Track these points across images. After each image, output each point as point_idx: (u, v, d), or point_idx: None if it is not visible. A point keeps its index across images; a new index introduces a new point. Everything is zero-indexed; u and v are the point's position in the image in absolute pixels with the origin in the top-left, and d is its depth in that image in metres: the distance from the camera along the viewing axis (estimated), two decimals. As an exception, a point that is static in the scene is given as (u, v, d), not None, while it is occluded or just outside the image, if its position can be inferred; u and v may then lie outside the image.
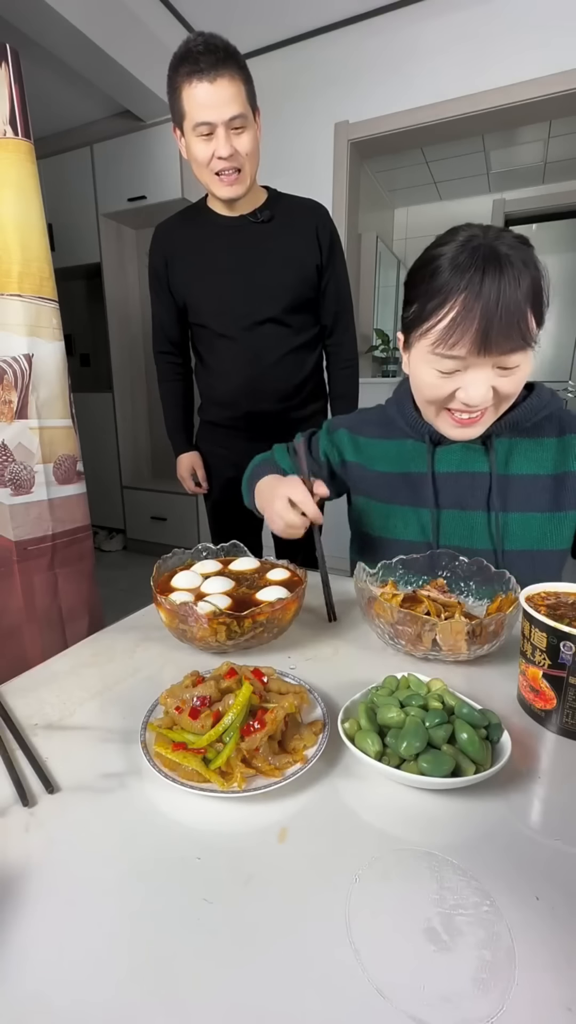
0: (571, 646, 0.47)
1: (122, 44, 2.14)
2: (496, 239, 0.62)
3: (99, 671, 0.61)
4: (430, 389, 0.69)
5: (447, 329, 0.62)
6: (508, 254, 0.60)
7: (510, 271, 0.59)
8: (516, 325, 0.60)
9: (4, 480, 1.19)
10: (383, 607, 0.59)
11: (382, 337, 3.20)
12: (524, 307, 0.60)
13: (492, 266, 0.59)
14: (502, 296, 0.59)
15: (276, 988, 0.28)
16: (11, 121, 1.12)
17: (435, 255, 0.65)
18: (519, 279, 0.59)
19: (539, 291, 0.62)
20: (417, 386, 0.72)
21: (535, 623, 0.49)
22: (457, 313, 0.61)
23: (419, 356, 0.69)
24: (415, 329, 0.68)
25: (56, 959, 0.30)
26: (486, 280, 0.59)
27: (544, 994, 0.28)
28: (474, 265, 0.60)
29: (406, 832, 0.39)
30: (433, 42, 2.21)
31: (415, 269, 0.69)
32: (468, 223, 0.67)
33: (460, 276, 0.61)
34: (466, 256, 0.61)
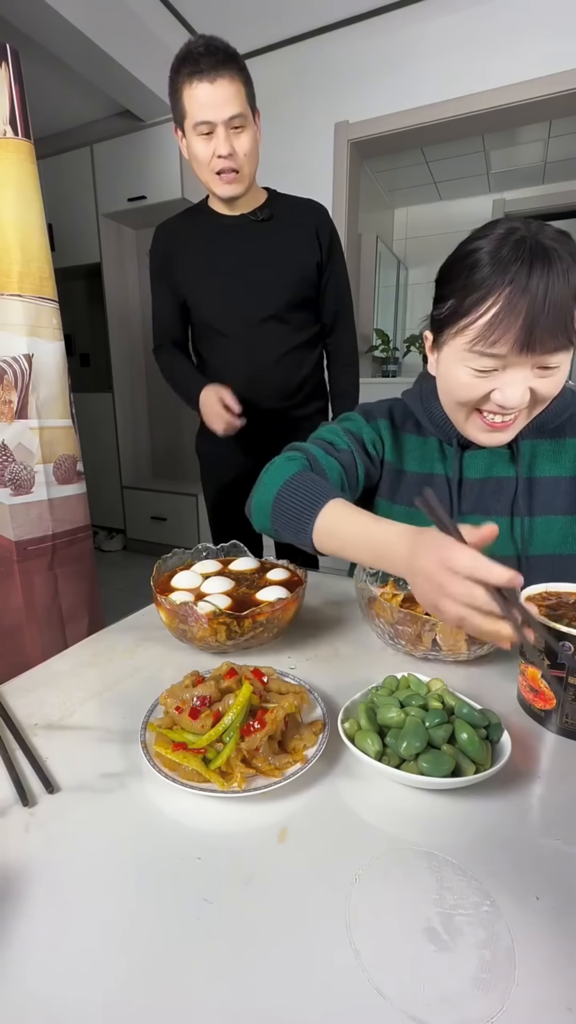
0: (570, 646, 0.47)
1: (122, 44, 2.14)
2: (539, 232, 0.58)
3: (99, 671, 0.61)
4: (464, 390, 0.64)
5: (488, 325, 0.58)
6: (555, 247, 0.56)
7: (559, 265, 0.55)
8: (563, 323, 0.57)
9: (4, 480, 1.20)
10: (383, 607, 0.59)
11: (382, 337, 3.20)
12: (572, 303, 0.57)
13: (540, 260, 0.56)
14: (550, 291, 0.55)
15: (276, 988, 0.28)
16: (11, 121, 1.12)
17: (473, 248, 0.60)
18: (568, 274, 0.56)
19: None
20: (448, 388, 0.67)
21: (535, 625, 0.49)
22: (500, 308, 0.57)
23: (453, 355, 0.64)
24: (450, 326, 0.63)
25: (56, 959, 0.30)
26: (534, 274, 0.55)
27: (544, 994, 0.28)
28: (520, 258, 0.56)
29: (406, 832, 0.39)
30: (433, 42, 2.21)
31: (449, 264, 0.64)
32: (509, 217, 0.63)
33: (504, 270, 0.56)
34: (509, 249, 0.57)
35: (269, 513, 0.68)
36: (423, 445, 0.79)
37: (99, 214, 2.90)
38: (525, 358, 0.59)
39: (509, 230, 0.59)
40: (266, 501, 0.69)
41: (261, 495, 0.70)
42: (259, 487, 0.72)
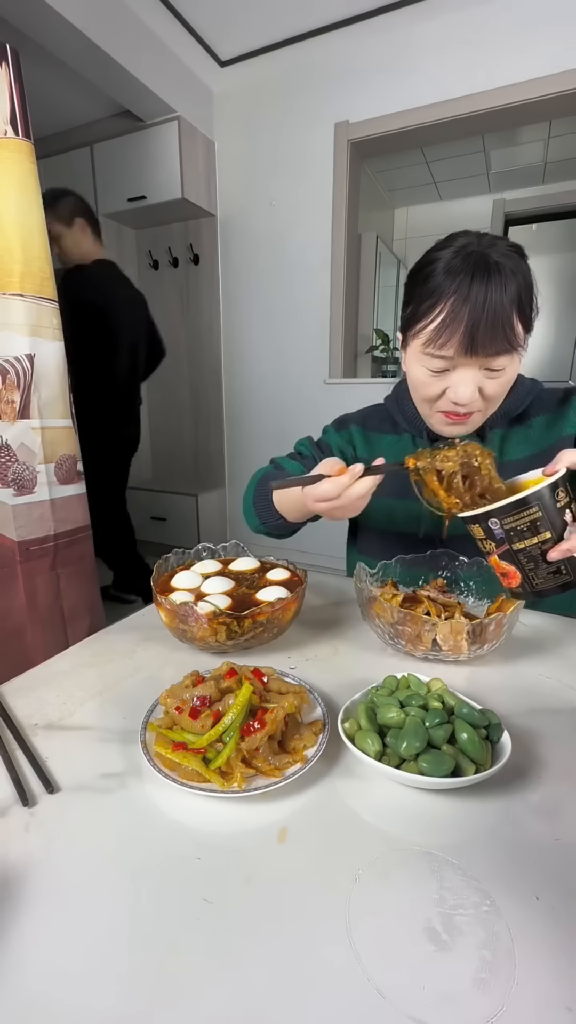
0: (495, 520, 0.52)
1: (122, 44, 2.14)
2: (490, 246, 0.64)
3: (99, 671, 0.61)
4: (423, 387, 0.72)
5: (437, 330, 0.65)
6: (498, 261, 0.62)
7: (498, 277, 0.62)
8: (501, 329, 0.62)
9: (7, 480, 1.20)
10: (383, 607, 0.59)
11: (382, 337, 3.20)
12: (510, 312, 0.62)
13: (481, 271, 0.62)
14: (488, 301, 0.61)
15: (276, 988, 0.28)
16: (11, 121, 1.12)
17: (432, 259, 0.67)
18: (506, 285, 0.62)
19: (526, 298, 0.64)
20: (412, 384, 0.75)
21: (467, 522, 0.55)
22: (446, 315, 0.63)
23: (413, 355, 0.71)
24: (410, 328, 0.70)
25: (56, 959, 0.30)
26: (474, 285, 0.62)
27: (544, 994, 0.28)
28: (464, 270, 0.62)
29: (406, 832, 0.39)
30: (433, 42, 2.21)
31: (413, 271, 0.71)
32: (467, 231, 0.68)
33: (451, 280, 0.63)
34: (459, 261, 0.63)
35: (252, 509, 0.84)
36: (397, 442, 0.86)
37: (99, 214, 2.89)
38: (471, 360, 0.65)
39: (463, 244, 0.65)
40: (248, 501, 0.85)
41: (245, 499, 0.86)
42: (244, 494, 0.87)
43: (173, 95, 2.47)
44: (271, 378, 2.96)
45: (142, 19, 2.21)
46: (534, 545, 0.51)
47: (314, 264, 2.69)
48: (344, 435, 0.90)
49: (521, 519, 0.51)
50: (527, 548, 0.51)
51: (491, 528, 0.53)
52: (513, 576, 0.53)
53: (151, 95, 2.38)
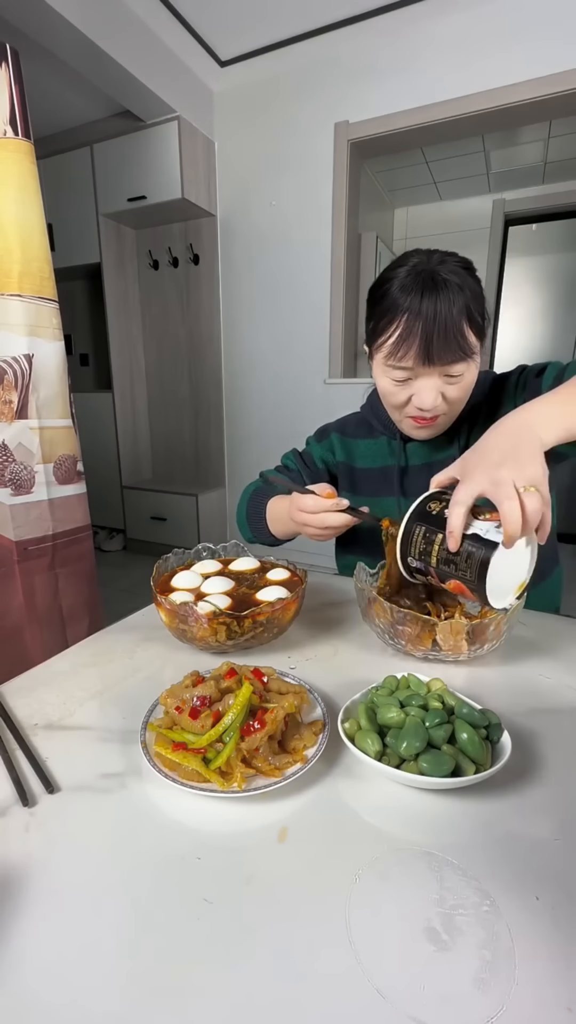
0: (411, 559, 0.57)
1: (122, 44, 2.14)
2: (439, 264, 0.69)
3: (99, 671, 0.61)
4: (389, 396, 0.77)
5: (395, 344, 0.69)
6: (446, 278, 0.67)
7: (446, 292, 0.67)
8: (454, 339, 0.67)
9: (5, 480, 1.20)
10: (383, 607, 0.59)
11: (382, 337, 3.20)
12: (460, 323, 0.67)
13: (430, 288, 0.67)
14: (438, 314, 0.66)
15: (276, 988, 0.28)
16: (11, 121, 1.12)
17: (386, 278, 0.72)
18: (453, 299, 0.67)
19: (476, 308, 0.69)
20: (380, 393, 0.80)
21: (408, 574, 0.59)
22: (403, 330, 0.68)
23: (377, 367, 0.76)
24: (373, 342, 0.75)
25: (56, 959, 0.30)
26: (424, 301, 0.67)
27: (544, 994, 0.28)
28: (415, 288, 0.67)
29: (406, 832, 0.39)
30: (433, 42, 2.21)
31: (372, 289, 0.75)
32: (418, 249, 0.73)
33: (404, 297, 0.68)
34: (411, 280, 0.68)
35: (246, 525, 0.91)
36: (374, 444, 0.91)
37: (99, 214, 2.90)
38: (430, 368, 0.70)
39: (415, 263, 0.70)
40: (241, 517, 0.92)
41: (239, 513, 0.93)
42: (237, 508, 0.94)
43: (173, 95, 2.47)
44: (271, 378, 2.96)
45: (142, 19, 2.21)
46: (440, 550, 0.54)
47: (314, 264, 2.69)
48: (325, 444, 0.95)
49: (416, 543, 0.56)
50: (441, 557, 0.54)
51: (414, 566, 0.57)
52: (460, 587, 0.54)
53: (151, 95, 2.38)
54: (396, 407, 0.78)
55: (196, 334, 3.10)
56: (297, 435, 0.97)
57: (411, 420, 0.77)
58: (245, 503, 0.92)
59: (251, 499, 0.91)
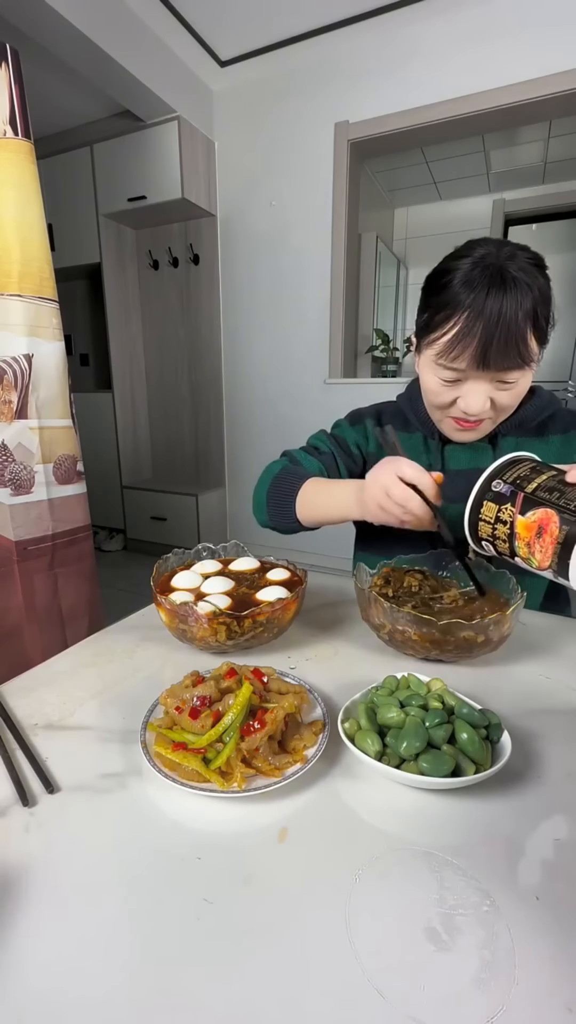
0: (498, 482, 0.51)
1: (122, 44, 2.14)
2: (509, 258, 0.63)
3: (99, 671, 0.61)
4: (434, 395, 0.72)
5: (450, 343, 0.64)
6: (515, 276, 0.61)
7: (514, 292, 0.61)
8: (515, 345, 0.62)
9: (4, 480, 1.20)
10: (383, 608, 0.59)
11: (382, 337, 3.20)
12: (524, 328, 0.62)
13: (497, 286, 0.61)
14: (502, 316, 0.61)
15: (276, 988, 0.28)
16: (11, 121, 1.12)
17: (450, 268, 0.66)
18: (521, 301, 0.61)
19: (543, 312, 0.63)
20: (424, 390, 0.75)
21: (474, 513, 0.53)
22: (460, 329, 0.63)
23: (425, 363, 0.71)
24: (424, 337, 0.70)
25: (56, 959, 0.30)
26: (489, 299, 0.61)
27: (544, 994, 0.28)
28: (481, 284, 0.62)
29: (406, 832, 0.39)
30: (433, 42, 2.21)
31: (431, 278, 0.70)
32: (486, 238, 0.67)
33: (467, 292, 0.62)
34: (477, 273, 0.62)
35: (264, 506, 0.82)
36: (408, 440, 0.85)
37: (99, 214, 2.90)
38: (483, 373, 0.65)
39: (482, 255, 0.64)
40: (260, 497, 0.83)
41: (257, 493, 0.84)
42: (256, 487, 0.84)
43: (173, 95, 2.47)
44: (271, 378, 2.96)
45: (142, 19, 2.21)
46: (546, 480, 0.49)
47: (314, 264, 2.69)
48: (359, 430, 0.89)
49: (521, 468, 0.51)
50: (541, 484, 0.48)
51: (498, 491, 0.51)
52: (547, 521, 0.46)
53: (151, 95, 2.38)
54: (439, 407, 0.73)
55: (196, 334, 3.10)
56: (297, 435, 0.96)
57: (452, 421, 0.73)
58: (268, 483, 0.82)
59: (277, 479, 0.81)
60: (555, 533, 0.46)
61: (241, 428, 3.13)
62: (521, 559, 0.51)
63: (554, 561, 0.47)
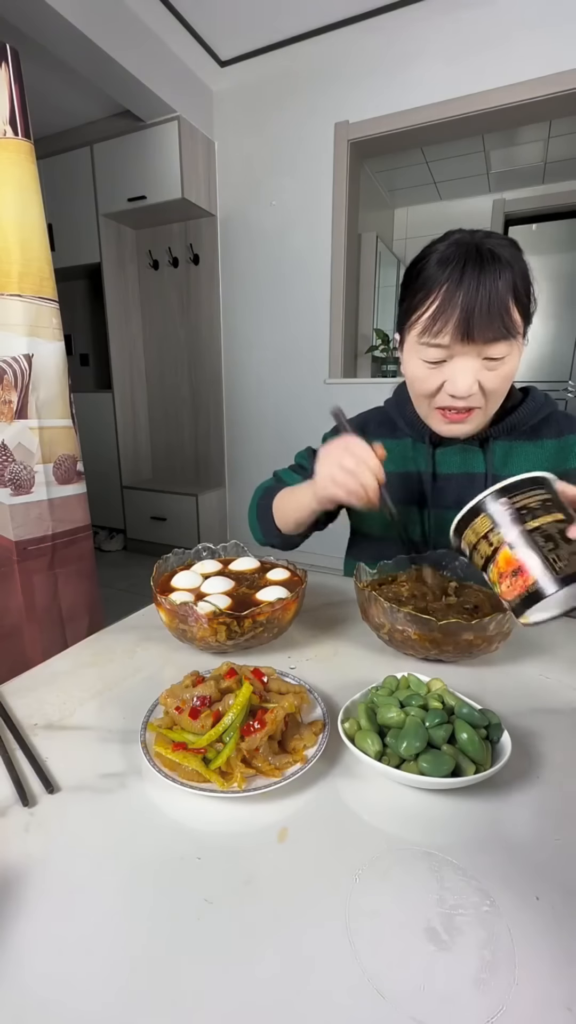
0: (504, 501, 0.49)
1: (122, 44, 2.14)
2: (484, 238, 0.65)
3: (99, 671, 0.61)
4: (420, 382, 0.71)
5: (432, 317, 0.64)
6: (491, 250, 0.63)
7: (491, 265, 0.62)
8: (498, 314, 0.62)
9: (4, 480, 1.20)
10: (383, 608, 0.59)
11: (382, 337, 3.20)
12: (506, 298, 0.62)
13: (473, 259, 0.62)
14: (481, 286, 0.61)
15: (276, 988, 0.28)
16: (11, 121, 1.12)
17: (424, 254, 0.68)
18: (500, 272, 0.62)
19: (522, 286, 0.64)
20: (409, 380, 0.74)
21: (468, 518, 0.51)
22: (441, 302, 0.63)
23: (410, 349, 0.71)
24: (406, 322, 0.70)
25: (56, 959, 0.30)
26: (467, 271, 0.62)
27: (544, 994, 0.28)
28: (457, 259, 0.63)
29: (406, 832, 0.39)
30: (433, 42, 2.21)
31: (408, 268, 0.71)
32: (461, 228, 0.68)
33: (444, 269, 0.64)
34: (451, 250, 0.64)
35: (256, 526, 0.87)
36: (396, 445, 0.84)
37: (99, 214, 2.90)
38: (468, 347, 0.64)
39: (457, 238, 0.66)
40: (252, 517, 0.89)
41: (250, 514, 0.90)
42: (248, 509, 0.90)
43: (173, 95, 2.47)
44: (271, 378, 2.96)
45: (142, 19, 2.21)
46: (549, 524, 0.47)
47: (314, 264, 2.69)
48: None
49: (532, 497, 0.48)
50: (542, 527, 0.47)
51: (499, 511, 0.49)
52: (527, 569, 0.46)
53: (151, 95, 2.38)
54: (426, 395, 0.72)
55: (196, 334, 3.10)
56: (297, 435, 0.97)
57: (440, 414, 0.72)
58: (255, 503, 0.87)
59: (261, 498, 0.86)
60: (529, 581, 0.46)
61: (241, 428, 3.13)
62: (488, 580, 0.51)
63: (515, 602, 0.48)
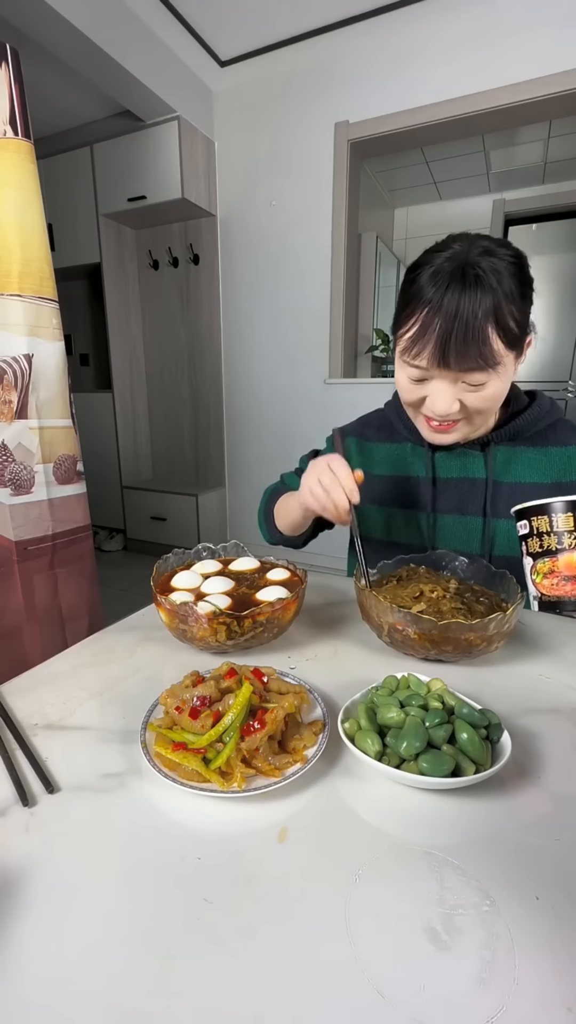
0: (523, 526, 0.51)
1: (122, 44, 2.14)
2: (481, 255, 0.61)
3: (99, 671, 0.61)
4: (405, 392, 0.72)
5: (412, 339, 0.63)
6: (479, 274, 0.59)
7: (473, 290, 0.59)
8: (475, 344, 0.60)
9: (4, 480, 1.20)
10: (383, 608, 0.59)
11: (382, 337, 3.20)
12: (484, 326, 0.59)
13: (457, 282, 0.59)
14: (460, 314, 0.59)
15: (276, 988, 0.28)
16: (11, 121, 1.12)
17: (423, 261, 0.65)
18: (481, 299, 0.59)
19: (508, 313, 0.61)
20: (397, 387, 0.75)
21: (555, 508, 0.51)
22: (421, 325, 0.62)
23: (397, 359, 0.70)
24: (395, 331, 0.70)
25: (56, 959, 0.30)
26: (448, 295, 0.59)
27: (544, 994, 0.28)
28: (443, 279, 0.60)
29: (406, 832, 0.39)
30: (433, 42, 2.22)
31: (407, 272, 0.69)
32: (466, 233, 0.66)
33: (431, 288, 0.61)
34: (444, 266, 0.61)
35: (264, 527, 0.91)
36: (395, 450, 0.85)
37: (99, 214, 2.90)
38: (445, 372, 0.64)
39: (454, 252, 0.62)
40: (260, 519, 0.93)
41: (258, 515, 0.94)
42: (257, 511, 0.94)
43: (173, 95, 2.48)
44: (271, 378, 2.96)
45: (142, 19, 2.21)
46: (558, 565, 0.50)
47: (314, 264, 2.69)
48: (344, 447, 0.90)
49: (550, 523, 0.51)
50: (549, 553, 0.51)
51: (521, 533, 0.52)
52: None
53: (151, 95, 2.38)
54: (410, 405, 0.73)
55: (196, 334, 3.10)
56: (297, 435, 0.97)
57: (425, 421, 0.72)
58: (263, 504, 0.91)
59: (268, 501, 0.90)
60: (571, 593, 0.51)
61: (241, 428, 3.13)
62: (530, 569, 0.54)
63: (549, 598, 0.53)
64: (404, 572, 0.71)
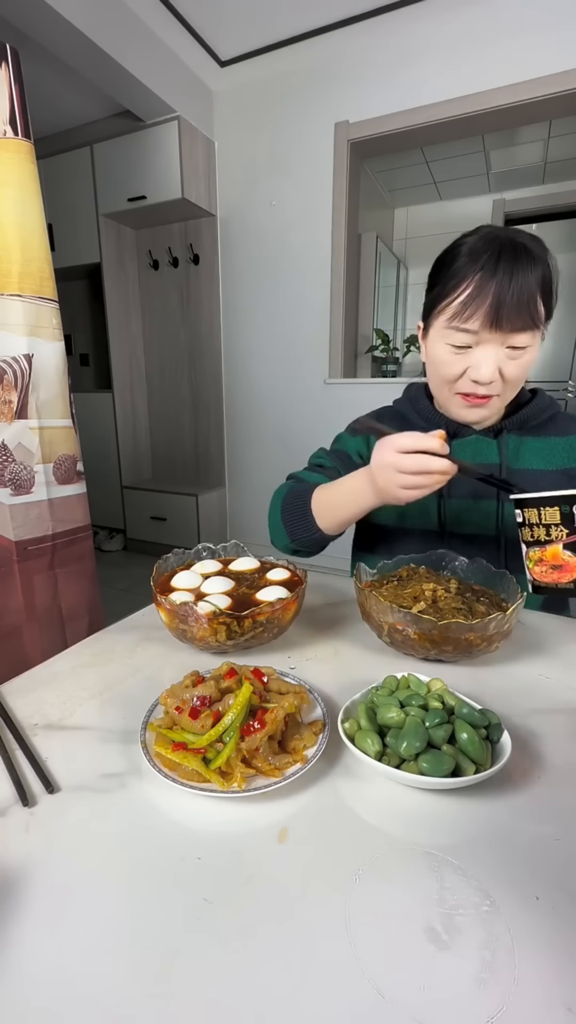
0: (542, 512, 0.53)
1: (122, 44, 2.14)
2: (515, 233, 0.68)
3: (99, 671, 0.61)
4: (445, 366, 0.73)
5: (463, 304, 0.67)
6: (524, 243, 0.66)
7: (524, 257, 0.65)
8: (526, 305, 0.65)
9: (4, 480, 1.19)
10: (383, 608, 0.59)
11: (382, 337, 3.20)
12: (535, 290, 0.66)
13: (507, 252, 0.66)
14: (514, 278, 0.65)
15: (276, 988, 0.28)
16: (11, 121, 1.12)
17: (456, 245, 0.71)
18: (531, 266, 0.65)
19: (549, 283, 0.68)
20: (433, 365, 0.76)
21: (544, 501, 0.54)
22: (473, 289, 0.66)
23: (436, 334, 0.73)
24: (434, 308, 0.73)
25: (56, 959, 0.30)
26: (501, 262, 0.65)
27: (544, 994, 0.28)
28: (490, 250, 0.66)
29: (406, 832, 0.39)
30: (433, 42, 2.21)
31: (440, 257, 0.74)
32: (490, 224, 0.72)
33: (476, 259, 0.67)
34: (483, 244, 0.67)
35: (282, 529, 0.81)
36: None
37: (99, 214, 2.90)
38: (495, 335, 0.68)
39: (489, 231, 0.70)
40: (275, 522, 0.83)
41: (272, 520, 0.84)
42: (269, 515, 0.85)
43: (173, 95, 2.47)
44: (271, 378, 2.96)
45: (142, 19, 2.21)
46: None
47: (314, 264, 2.69)
48: (359, 439, 0.89)
49: None
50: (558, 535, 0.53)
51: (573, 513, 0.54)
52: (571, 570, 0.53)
53: (151, 95, 2.38)
54: (448, 380, 0.74)
55: (196, 334, 3.10)
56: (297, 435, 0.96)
57: (461, 398, 0.74)
58: (279, 506, 0.82)
59: (286, 500, 0.81)
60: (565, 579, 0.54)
61: (241, 428, 3.13)
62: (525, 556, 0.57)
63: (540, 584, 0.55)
64: (404, 572, 0.71)
